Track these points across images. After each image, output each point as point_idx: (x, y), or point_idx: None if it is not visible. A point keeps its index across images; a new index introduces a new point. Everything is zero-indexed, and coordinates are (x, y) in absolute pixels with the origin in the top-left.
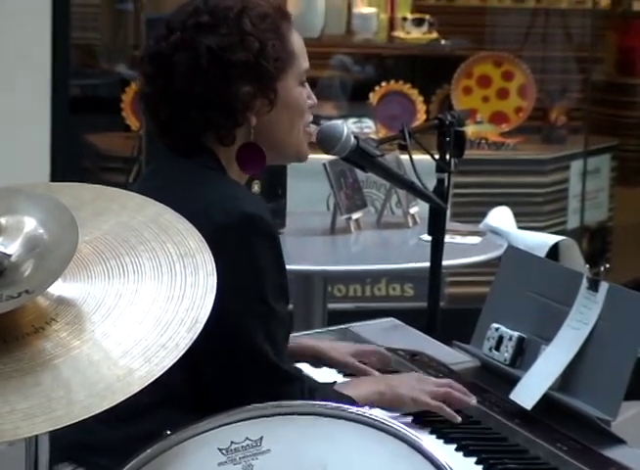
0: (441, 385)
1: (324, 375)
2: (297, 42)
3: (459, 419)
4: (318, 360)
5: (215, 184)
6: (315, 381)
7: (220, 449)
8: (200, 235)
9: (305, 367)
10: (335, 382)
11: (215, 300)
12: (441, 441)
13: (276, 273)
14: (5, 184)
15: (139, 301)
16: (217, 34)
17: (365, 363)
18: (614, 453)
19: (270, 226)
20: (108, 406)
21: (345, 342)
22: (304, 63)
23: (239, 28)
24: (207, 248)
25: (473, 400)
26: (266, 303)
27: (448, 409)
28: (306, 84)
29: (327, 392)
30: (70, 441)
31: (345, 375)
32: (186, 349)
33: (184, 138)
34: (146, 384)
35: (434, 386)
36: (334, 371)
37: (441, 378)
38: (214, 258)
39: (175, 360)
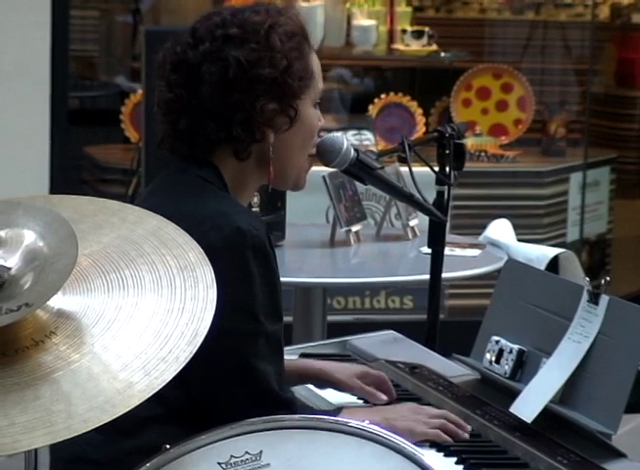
0: (436, 416)
1: (332, 396)
2: (315, 63)
3: (451, 440)
4: (323, 382)
5: (210, 200)
6: (308, 407)
7: (220, 463)
8: (200, 248)
9: (310, 388)
10: (336, 409)
11: None
12: (441, 454)
13: (267, 290)
14: (4, 197)
15: (139, 314)
16: (246, 48)
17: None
18: (614, 467)
19: (262, 242)
20: (108, 420)
21: (350, 364)
22: (320, 83)
23: (268, 44)
24: (207, 261)
25: (467, 431)
26: (256, 320)
27: (445, 436)
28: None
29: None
30: (71, 454)
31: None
32: (186, 362)
33: (198, 147)
34: (146, 397)
35: (429, 417)
36: (342, 393)
37: (441, 391)
38: None
39: (175, 374)
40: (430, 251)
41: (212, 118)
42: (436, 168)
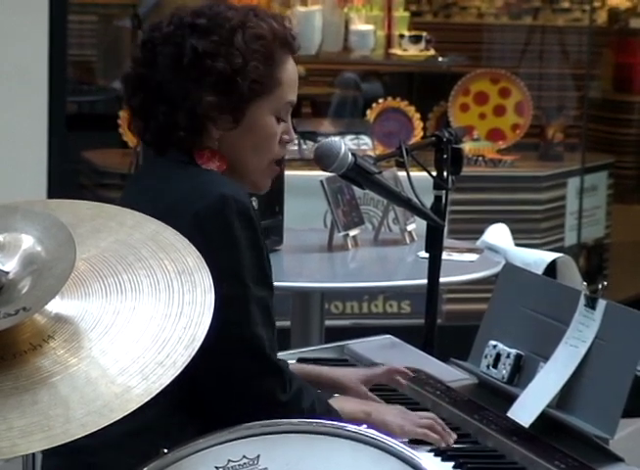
0: (425, 417)
1: None
2: (288, 73)
3: (444, 443)
4: (334, 389)
5: (192, 174)
6: (304, 382)
7: (217, 468)
8: (198, 253)
9: None
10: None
11: None
12: (439, 458)
13: (253, 255)
14: (2, 201)
15: (136, 318)
16: (207, 39)
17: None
18: None
19: (247, 207)
20: (105, 424)
21: (355, 369)
22: (289, 96)
23: (229, 40)
24: (205, 265)
25: (453, 437)
26: (244, 284)
27: (433, 435)
28: (289, 119)
29: (313, 394)
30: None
31: None
32: (183, 366)
33: (152, 131)
34: (143, 401)
35: (418, 418)
36: None
37: (439, 395)
38: (196, 243)
39: (173, 378)
40: (427, 255)
41: (163, 102)
42: (434, 173)
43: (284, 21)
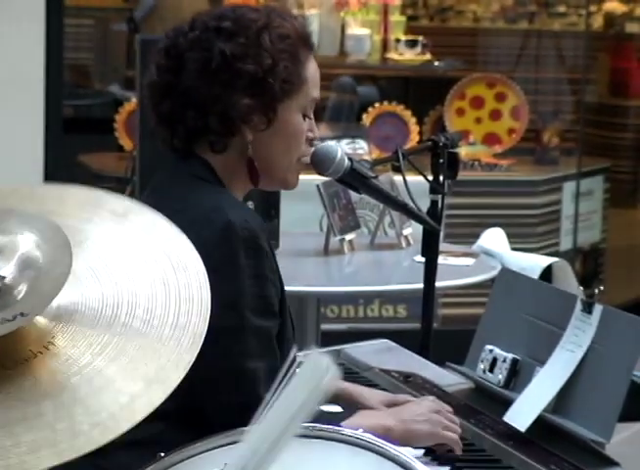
0: (454, 421)
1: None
2: (311, 71)
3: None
4: (351, 405)
5: (205, 197)
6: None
7: None
8: (192, 246)
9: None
10: (341, 412)
11: None
12: (435, 463)
13: (256, 284)
14: None
15: (135, 322)
16: (234, 42)
17: None
18: None
19: (253, 235)
20: (113, 438)
21: (378, 390)
22: (314, 92)
23: (257, 42)
24: (201, 261)
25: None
26: (241, 315)
27: (460, 445)
28: (312, 116)
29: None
30: None
31: None
32: (186, 370)
33: (180, 136)
34: (149, 411)
35: (447, 419)
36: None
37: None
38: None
39: (178, 381)
40: (423, 259)
41: (192, 107)
42: (430, 177)
43: (301, 19)
